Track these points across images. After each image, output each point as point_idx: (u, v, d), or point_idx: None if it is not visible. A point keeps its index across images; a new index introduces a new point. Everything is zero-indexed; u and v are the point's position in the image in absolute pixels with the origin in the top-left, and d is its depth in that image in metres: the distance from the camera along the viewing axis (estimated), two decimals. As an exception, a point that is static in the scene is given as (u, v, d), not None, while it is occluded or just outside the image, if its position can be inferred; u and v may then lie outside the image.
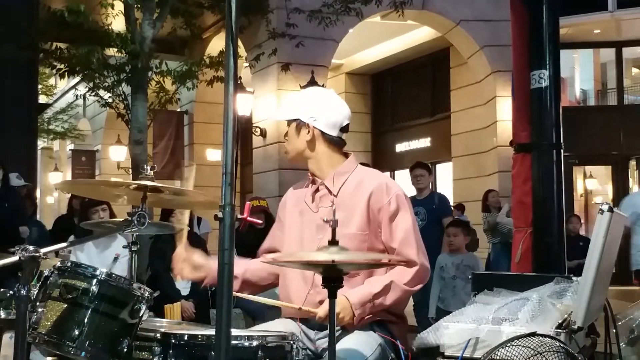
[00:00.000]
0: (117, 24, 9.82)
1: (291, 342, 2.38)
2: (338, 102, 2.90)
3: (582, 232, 10.17)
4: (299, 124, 2.84)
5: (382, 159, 16.02)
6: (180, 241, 2.90)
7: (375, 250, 2.75)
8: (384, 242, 2.75)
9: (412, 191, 7.37)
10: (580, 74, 16.39)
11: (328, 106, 2.86)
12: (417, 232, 2.79)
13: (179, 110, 14.89)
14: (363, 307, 2.64)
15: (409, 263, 2.71)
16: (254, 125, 12.38)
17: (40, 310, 2.36)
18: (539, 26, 4.20)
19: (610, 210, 2.60)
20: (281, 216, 3.00)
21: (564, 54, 5.72)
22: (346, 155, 2.92)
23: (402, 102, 16.01)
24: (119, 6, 9.53)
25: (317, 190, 2.86)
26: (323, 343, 2.71)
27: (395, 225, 2.74)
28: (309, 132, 2.82)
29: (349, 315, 2.62)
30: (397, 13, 10.34)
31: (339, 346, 2.53)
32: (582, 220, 11.01)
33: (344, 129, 2.88)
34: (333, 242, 2.24)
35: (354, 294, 2.65)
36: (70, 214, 7.98)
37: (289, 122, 2.88)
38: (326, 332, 2.52)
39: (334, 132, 2.84)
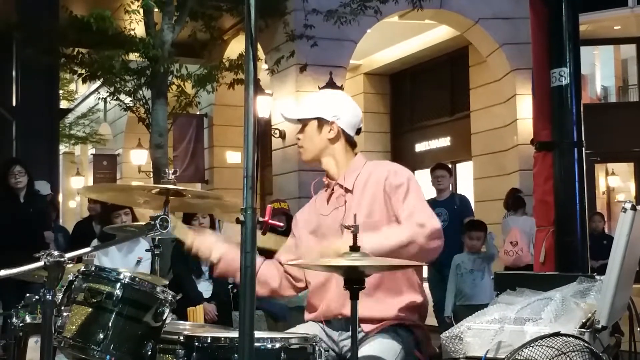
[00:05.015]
0: (137, 28, 9.90)
1: (314, 343, 2.39)
2: (354, 104, 2.95)
3: (606, 230, 10.08)
4: (321, 122, 2.85)
5: (401, 159, 15.95)
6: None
7: None
8: (399, 218, 2.72)
9: (431, 192, 7.35)
10: (600, 71, 16.25)
11: (348, 107, 2.91)
12: (426, 204, 2.75)
13: (198, 113, 14.97)
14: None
15: (420, 225, 2.64)
16: (273, 127, 12.41)
17: (65, 314, 2.38)
18: (558, 23, 4.18)
19: (634, 208, 2.58)
20: (295, 232, 3.01)
21: (584, 50, 5.67)
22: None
23: (421, 102, 15.96)
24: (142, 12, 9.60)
25: (332, 192, 2.87)
26: (347, 344, 2.71)
27: (407, 202, 2.72)
28: (331, 130, 2.84)
29: None
30: (416, 10, 10.29)
31: (362, 352, 2.53)
32: (605, 218, 10.90)
33: (358, 132, 2.93)
34: (355, 248, 2.25)
35: (367, 241, 2.46)
36: (89, 218, 8.01)
37: (306, 121, 2.88)
38: (350, 333, 2.52)
39: (352, 133, 2.90)
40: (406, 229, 2.61)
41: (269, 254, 3.11)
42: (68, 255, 2.22)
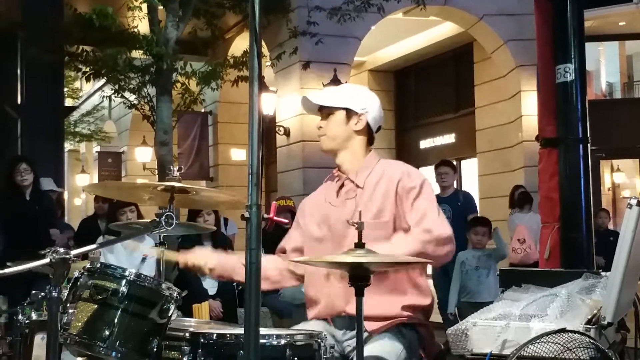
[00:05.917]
0: (141, 26, 9.90)
1: (319, 340, 2.39)
2: (379, 102, 2.96)
3: (611, 227, 10.07)
4: (350, 113, 2.85)
5: (406, 155, 15.95)
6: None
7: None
8: (408, 222, 2.74)
9: (436, 189, 7.35)
10: (605, 67, 16.19)
11: (375, 103, 2.92)
12: (437, 209, 2.76)
13: (203, 110, 14.98)
14: None
15: (428, 232, 2.67)
16: (277, 124, 12.40)
17: (71, 311, 2.39)
18: (563, 19, 4.17)
19: (639, 204, 2.58)
20: (300, 220, 3.01)
21: (589, 46, 5.66)
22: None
23: (426, 99, 15.93)
24: (145, 9, 9.60)
25: (341, 186, 2.87)
26: (350, 344, 2.71)
27: (416, 206, 2.73)
28: (358, 122, 2.85)
29: None
30: (419, 8, 10.28)
31: (365, 353, 2.52)
32: (611, 215, 10.88)
33: (377, 130, 2.93)
34: (360, 244, 2.24)
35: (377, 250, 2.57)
36: (94, 216, 8.04)
37: (334, 110, 2.87)
38: (353, 332, 2.51)
39: (374, 129, 2.91)
40: (416, 239, 2.64)
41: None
42: (73, 252, 2.23)
